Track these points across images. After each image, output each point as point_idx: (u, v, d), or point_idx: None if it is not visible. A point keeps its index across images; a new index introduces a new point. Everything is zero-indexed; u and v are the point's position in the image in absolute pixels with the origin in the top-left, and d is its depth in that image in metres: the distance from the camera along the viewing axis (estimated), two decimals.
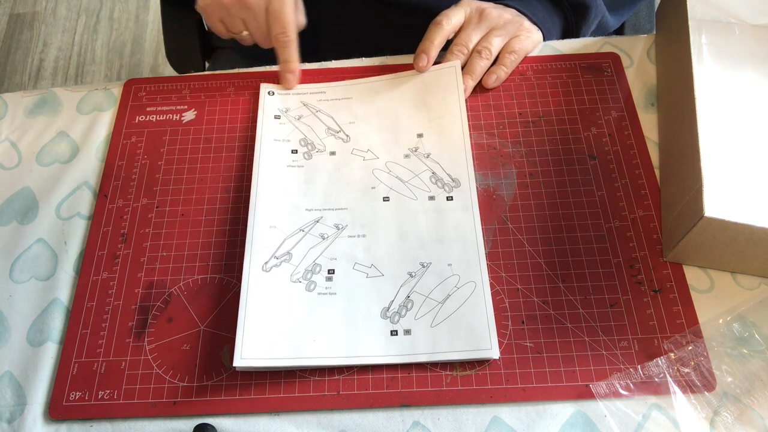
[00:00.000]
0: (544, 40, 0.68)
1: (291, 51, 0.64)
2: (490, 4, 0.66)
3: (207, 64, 0.93)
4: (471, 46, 0.65)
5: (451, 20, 0.64)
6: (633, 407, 0.48)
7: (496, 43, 0.64)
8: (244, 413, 0.49)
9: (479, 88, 0.65)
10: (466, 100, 0.63)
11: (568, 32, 0.71)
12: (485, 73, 0.64)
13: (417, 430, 0.48)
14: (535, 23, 0.67)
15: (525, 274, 0.54)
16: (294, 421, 0.49)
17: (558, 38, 0.70)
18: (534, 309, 0.53)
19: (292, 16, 0.62)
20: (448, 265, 0.54)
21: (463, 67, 0.65)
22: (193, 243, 0.57)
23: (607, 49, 0.68)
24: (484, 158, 0.61)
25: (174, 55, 0.91)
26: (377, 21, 0.75)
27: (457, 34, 0.66)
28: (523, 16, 0.67)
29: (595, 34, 0.72)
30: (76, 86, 0.69)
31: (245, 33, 0.65)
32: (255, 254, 0.54)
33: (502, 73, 0.64)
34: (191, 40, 0.89)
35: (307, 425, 0.49)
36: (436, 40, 0.64)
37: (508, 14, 0.66)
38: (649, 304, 0.52)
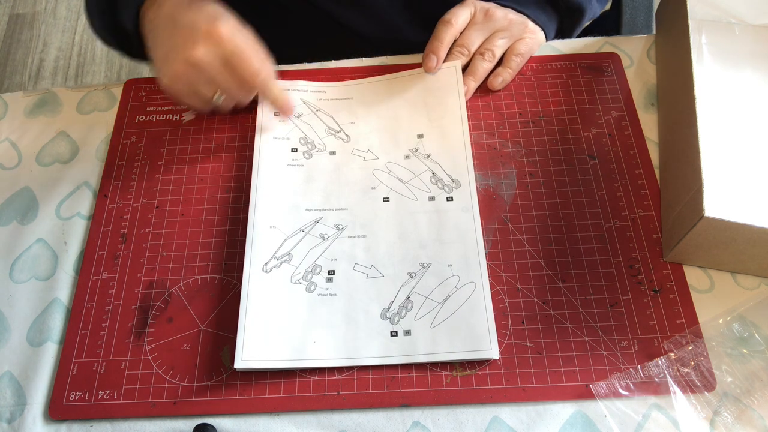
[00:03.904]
0: (546, 40, 0.68)
1: (275, 84, 0.59)
2: (494, 5, 0.65)
3: None
4: (473, 48, 0.64)
5: (459, 18, 0.64)
6: (633, 407, 0.48)
7: (500, 45, 0.64)
8: (244, 413, 0.49)
9: (480, 88, 0.65)
10: (466, 101, 0.63)
11: (561, 34, 0.71)
12: (491, 75, 0.64)
13: (417, 430, 0.48)
14: (538, 25, 0.67)
15: (525, 274, 0.54)
16: (294, 421, 0.49)
17: (551, 39, 0.70)
18: (534, 309, 0.53)
19: (254, 51, 0.56)
20: (448, 265, 0.54)
21: (465, 68, 0.65)
22: (193, 243, 0.57)
23: (607, 49, 0.68)
24: (484, 158, 0.61)
25: None
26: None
27: (460, 34, 0.66)
28: (526, 16, 0.66)
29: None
30: (76, 86, 0.69)
31: (217, 96, 0.58)
32: (255, 255, 0.54)
33: (508, 75, 0.64)
34: None
35: (307, 425, 0.49)
36: (445, 39, 0.63)
37: (513, 14, 0.65)
38: (649, 304, 0.52)
